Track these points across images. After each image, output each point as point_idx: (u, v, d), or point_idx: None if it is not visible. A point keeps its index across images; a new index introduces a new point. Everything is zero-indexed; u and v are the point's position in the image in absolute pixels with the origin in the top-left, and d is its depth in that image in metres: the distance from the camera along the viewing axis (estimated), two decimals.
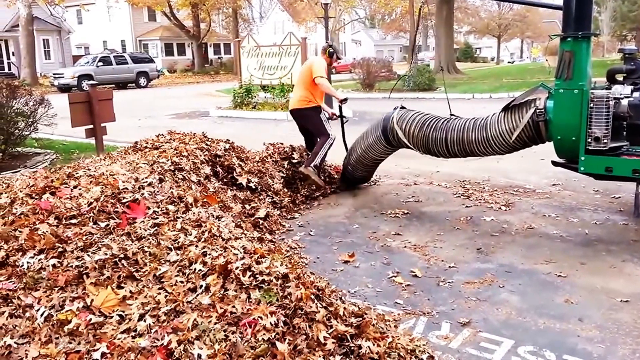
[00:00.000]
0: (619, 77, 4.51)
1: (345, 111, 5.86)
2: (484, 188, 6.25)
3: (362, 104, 16.20)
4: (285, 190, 5.74)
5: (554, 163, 4.72)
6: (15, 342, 2.39)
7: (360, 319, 2.89)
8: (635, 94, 4.25)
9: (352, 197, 6.06)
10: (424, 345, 2.90)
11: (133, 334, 2.50)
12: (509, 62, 55.94)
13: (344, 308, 2.94)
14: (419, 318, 3.34)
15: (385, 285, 3.82)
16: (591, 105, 4.16)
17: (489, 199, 5.78)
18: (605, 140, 4.15)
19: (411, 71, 20.30)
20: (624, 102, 4.23)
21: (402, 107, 5.57)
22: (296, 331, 2.62)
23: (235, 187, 5.29)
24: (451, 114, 5.31)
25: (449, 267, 4.10)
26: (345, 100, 6.03)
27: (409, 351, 2.80)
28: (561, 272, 3.94)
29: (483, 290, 3.70)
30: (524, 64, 44.99)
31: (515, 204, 5.62)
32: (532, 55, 55.61)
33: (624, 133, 4.30)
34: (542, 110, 4.49)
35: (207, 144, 5.51)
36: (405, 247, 4.54)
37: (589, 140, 4.20)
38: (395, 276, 3.94)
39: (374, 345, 2.71)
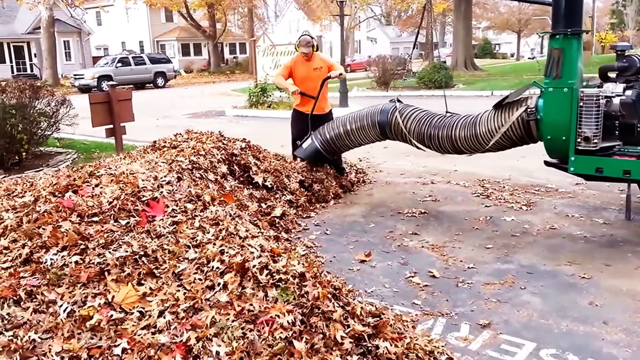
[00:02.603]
0: (612, 75, 4.40)
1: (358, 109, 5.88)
2: (504, 187, 6.18)
3: (378, 102, 16.15)
4: (302, 189, 5.75)
5: (547, 163, 4.66)
6: (39, 337, 2.43)
7: (378, 319, 2.88)
8: (628, 92, 4.13)
9: (368, 196, 6.04)
10: (442, 346, 2.87)
11: (153, 330, 2.52)
12: (529, 58, 55.14)
13: (361, 308, 2.93)
14: (437, 319, 3.31)
15: (403, 286, 3.79)
16: (581, 104, 4.08)
17: (510, 199, 5.71)
18: (595, 140, 4.07)
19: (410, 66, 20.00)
20: (616, 100, 4.12)
21: (399, 101, 5.59)
22: (313, 330, 2.62)
23: (251, 186, 5.31)
24: (447, 112, 5.27)
25: (468, 267, 4.06)
26: (295, 92, 6.16)
27: (427, 352, 2.77)
28: (585, 273, 3.87)
29: (504, 292, 3.65)
30: (545, 60, 44.28)
31: (537, 204, 5.54)
32: None
33: (616, 132, 4.20)
34: (533, 109, 4.43)
35: (223, 143, 5.54)
36: (422, 247, 4.52)
37: (579, 140, 4.13)
38: (412, 276, 3.91)
39: (391, 345, 2.70)
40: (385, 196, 6.03)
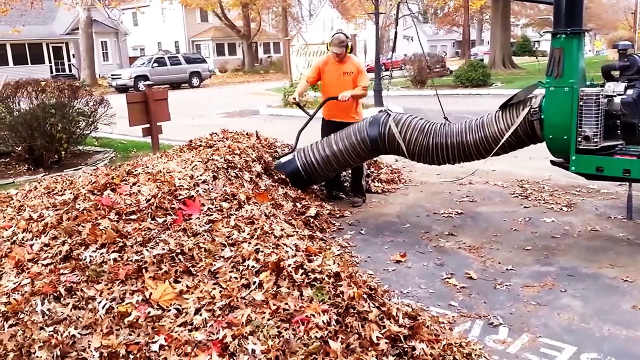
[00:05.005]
0: (615, 74, 4.32)
1: (395, 108, 5.46)
2: (543, 188, 6.04)
3: (413, 101, 16.00)
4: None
5: (552, 162, 4.59)
6: (78, 333, 2.47)
7: (414, 320, 2.84)
8: (629, 92, 4.08)
9: (403, 196, 5.98)
10: (480, 349, 2.84)
11: (189, 327, 2.54)
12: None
13: (397, 308, 2.91)
14: (474, 321, 3.26)
15: (439, 287, 3.74)
16: (581, 103, 4.05)
17: (549, 199, 5.58)
18: (595, 140, 4.03)
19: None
20: (617, 99, 4.09)
21: (389, 110, 5.22)
22: (348, 330, 2.61)
23: (286, 185, 5.31)
24: (445, 118, 5.13)
25: (507, 269, 3.98)
26: (294, 101, 5.69)
27: (464, 355, 2.74)
28: (628, 276, 3.76)
29: (543, 295, 3.57)
30: (587, 57, 43.15)
31: (578, 205, 5.40)
32: (595, 48, 53.36)
33: (618, 132, 4.15)
34: (537, 109, 4.39)
35: (258, 142, 5.58)
36: (459, 248, 4.44)
37: (579, 139, 4.09)
38: (449, 278, 3.86)
39: (428, 347, 2.67)
40: (421, 196, 5.96)
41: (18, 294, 2.67)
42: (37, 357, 2.35)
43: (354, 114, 5.64)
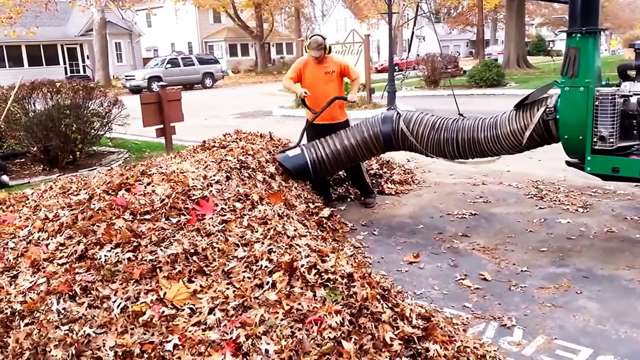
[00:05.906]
0: (632, 74, 4.25)
1: (407, 109, 5.38)
2: (559, 188, 5.97)
3: (427, 101, 15.94)
4: (349, 189, 5.71)
5: (568, 163, 4.54)
6: (93, 332, 2.49)
7: (428, 321, 2.83)
8: None
9: (416, 197, 5.95)
10: (494, 351, 2.83)
11: (203, 327, 2.55)
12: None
13: (411, 309, 2.89)
14: (489, 323, 3.23)
15: (453, 288, 3.72)
16: (596, 103, 4.00)
17: (565, 200, 5.52)
18: (611, 140, 3.98)
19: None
20: (633, 99, 4.03)
21: (398, 109, 5.16)
22: (362, 331, 2.60)
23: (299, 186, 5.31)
24: (459, 114, 5.08)
25: (521, 271, 3.94)
26: (305, 94, 5.43)
27: (478, 356, 2.73)
28: None
29: (559, 296, 3.53)
30: (603, 57, 42.71)
31: (594, 206, 5.34)
32: (611, 48, 52.77)
33: (634, 132, 4.09)
34: (552, 108, 4.34)
35: (272, 143, 5.58)
36: (473, 249, 4.41)
37: (595, 139, 4.04)
38: (463, 279, 3.84)
39: (441, 348, 2.65)
40: (434, 197, 5.92)
41: (34, 293, 2.69)
42: (52, 355, 2.37)
43: (339, 114, 5.62)
